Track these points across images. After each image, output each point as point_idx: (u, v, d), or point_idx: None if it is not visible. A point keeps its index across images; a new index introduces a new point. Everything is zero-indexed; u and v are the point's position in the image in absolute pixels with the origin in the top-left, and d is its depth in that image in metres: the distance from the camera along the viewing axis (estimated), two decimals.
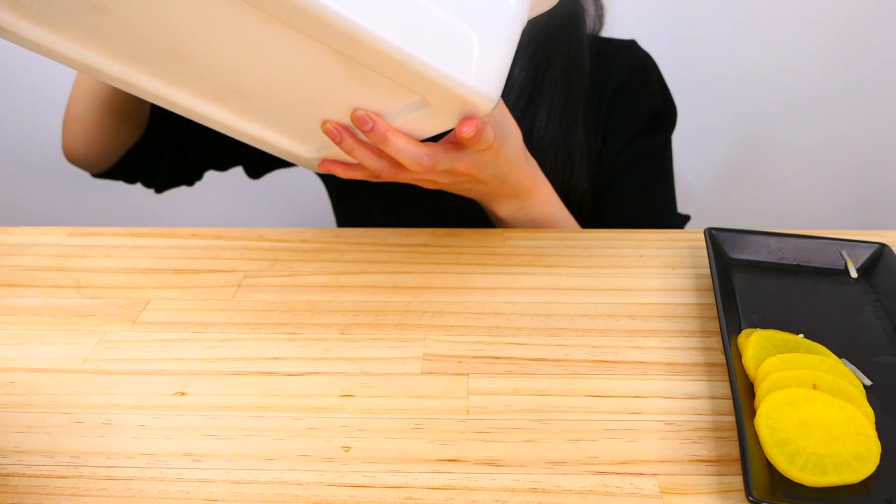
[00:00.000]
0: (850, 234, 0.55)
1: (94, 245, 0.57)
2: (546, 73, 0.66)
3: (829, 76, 1.16)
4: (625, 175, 0.68)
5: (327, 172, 0.51)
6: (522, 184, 0.58)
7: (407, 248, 0.57)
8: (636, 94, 0.69)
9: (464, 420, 0.39)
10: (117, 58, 0.42)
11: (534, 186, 0.59)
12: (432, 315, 0.48)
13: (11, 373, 0.43)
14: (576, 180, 0.66)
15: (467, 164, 0.50)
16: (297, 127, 0.48)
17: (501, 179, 0.55)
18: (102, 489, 0.35)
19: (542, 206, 0.60)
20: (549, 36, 0.66)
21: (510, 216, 0.60)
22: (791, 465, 0.34)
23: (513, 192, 0.58)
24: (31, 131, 1.23)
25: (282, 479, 0.36)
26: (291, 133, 0.49)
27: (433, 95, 0.40)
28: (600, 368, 0.43)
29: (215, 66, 0.41)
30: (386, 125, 0.44)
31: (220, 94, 0.45)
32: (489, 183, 0.55)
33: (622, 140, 0.68)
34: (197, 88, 0.44)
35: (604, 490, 0.35)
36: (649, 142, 0.69)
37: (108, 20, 0.38)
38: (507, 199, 0.59)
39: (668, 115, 0.71)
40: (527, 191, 0.59)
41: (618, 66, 0.69)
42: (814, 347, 0.42)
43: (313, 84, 0.41)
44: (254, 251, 0.56)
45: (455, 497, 0.35)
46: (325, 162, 0.50)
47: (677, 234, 0.59)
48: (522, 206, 0.60)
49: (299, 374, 0.43)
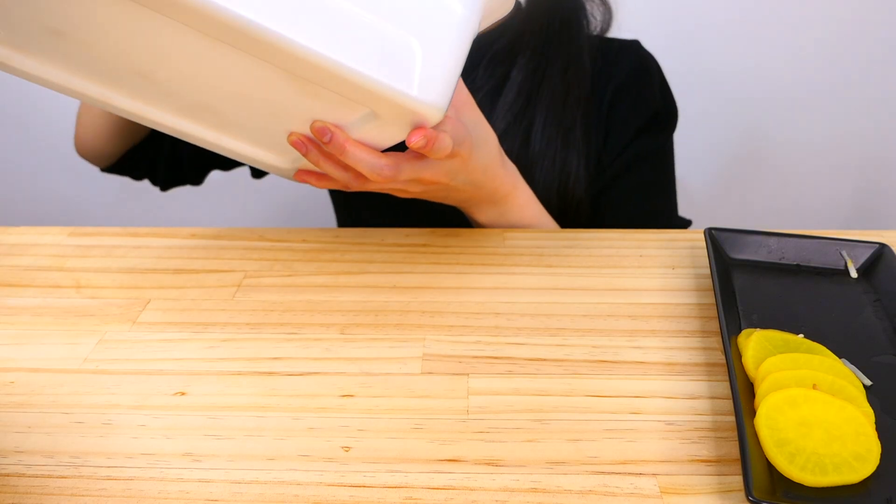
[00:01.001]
0: (850, 234, 0.55)
1: (94, 245, 0.57)
2: (544, 76, 0.65)
3: (830, 76, 1.16)
4: (624, 175, 0.68)
5: (302, 182, 0.51)
6: (499, 190, 0.58)
7: (407, 248, 0.57)
8: (637, 93, 0.68)
9: (464, 420, 0.39)
10: (88, 78, 0.42)
11: (511, 192, 0.59)
12: (432, 315, 0.48)
13: (11, 373, 0.43)
14: (572, 185, 0.66)
15: (435, 173, 0.50)
16: (270, 140, 0.48)
17: (476, 186, 0.55)
18: (102, 489, 0.35)
19: (521, 211, 0.60)
20: (548, 39, 0.66)
21: (489, 222, 0.61)
22: (791, 465, 0.34)
23: (490, 199, 0.58)
24: (31, 131, 1.24)
25: (282, 479, 0.36)
26: (266, 146, 0.49)
27: (380, 107, 0.40)
28: (600, 368, 0.43)
29: (178, 84, 0.42)
30: (344, 136, 0.44)
31: (191, 111, 0.45)
32: (464, 190, 0.54)
33: (622, 140, 0.68)
34: (168, 106, 0.45)
35: (604, 490, 0.35)
36: (650, 142, 0.69)
37: (65, 42, 0.38)
38: (484, 206, 0.59)
39: (669, 116, 0.71)
40: (504, 197, 0.59)
41: (619, 67, 0.69)
42: (814, 347, 0.42)
43: (270, 99, 0.42)
44: (254, 251, 0.56)
45: (455, 497, 0.35)
46: (300, 172, 0.51)
47: (677, 234, 0.59)
48: (501, 212, 0.60)
49: (299, 374, 0.43)
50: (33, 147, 1.25)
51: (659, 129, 0.69)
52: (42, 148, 1.25)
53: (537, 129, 0.65)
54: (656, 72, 0.70)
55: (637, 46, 0.71)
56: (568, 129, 0.65)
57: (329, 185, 0.50)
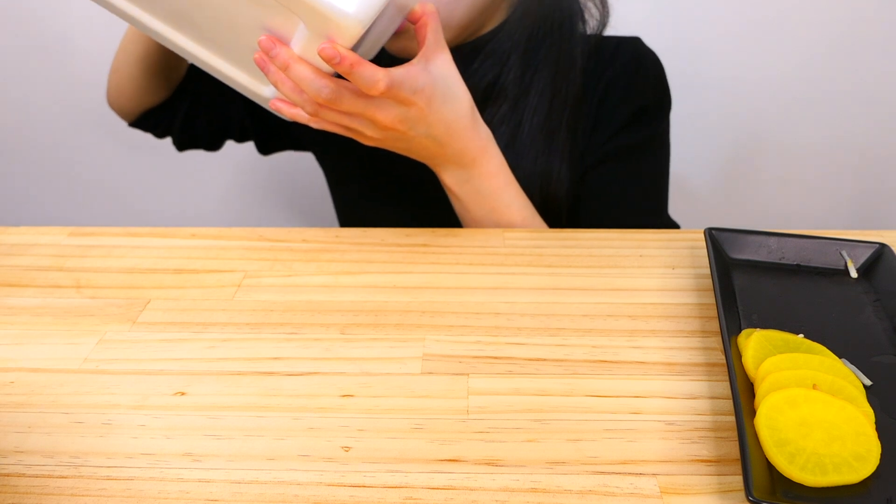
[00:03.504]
0: (850, 234, 0.55)
1: (94, 245, 0.57)
2: (534, 77, 0.65)
3: (830, 76, 1.16)
4: (603, 164, 0.68)
5: (276, 111, 0.54)
6: (466, 153, 0.57)
7: (407, 248, 0.57)
8: (627, 88, 0.68)
9: (464, 420, 0.39)
10: None
11: (480, 158, 0.58)
12: (432, 315, 0.48)
13: (11, 373, 0.43)
14: (554, 186, 0.66)
15: (389, 117, 0.51)
16: (243, 59, 0.52)
17: (438, 143, 0.55)
18: (102, 489, 0.35)
19: (489, 179, 0.60)
20: (539, 42, 0.65)
21: (455, 186, 0.60)
22: (791, 465, 0.34)
23: (456, 160, 0.58)
24: (31, 131, 1.24)
25: (282, 479, 0.36)
26: (245, 68, 0.53)
27: (305, 15, 0.43)
28: (600, 368, 0.43)
29: None
30: (289, 52, 0.47)
31: (174, 19, 0.51)
32: (426, 145, 0.55)
33: (607, 132, 0.68)
34: (156, 12, 0.51)
35: (604, 490, 0.35)
36: (635, 134, 0.68)
37: None
38: (449, 166, 0.58)
39: (659, 108, 0.70)
40: (472, 161, 0.58)
41: (613, 65, 0.68)
42: (814, 347, 0.42)
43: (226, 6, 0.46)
44: (254, 251, 0.56)
45: (455, 497, 0.35)
46: (273, 101, 0.53)
47: (677, 234, 0.59)
48: (468, 177, 0.59)
49: (299, 374, 0.43)
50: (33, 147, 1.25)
51: (647, 120, 0.69)
52: (42, 148, 1.25)
53: (523, 130, 0.65)
54: (653, 67, 0.70)
55: (635, 42, 0.71)
56: (552, 131, 0.65)
57: (297, 115, 0.52)
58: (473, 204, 0.61)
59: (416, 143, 0.55)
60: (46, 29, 1.13)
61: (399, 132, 0.53)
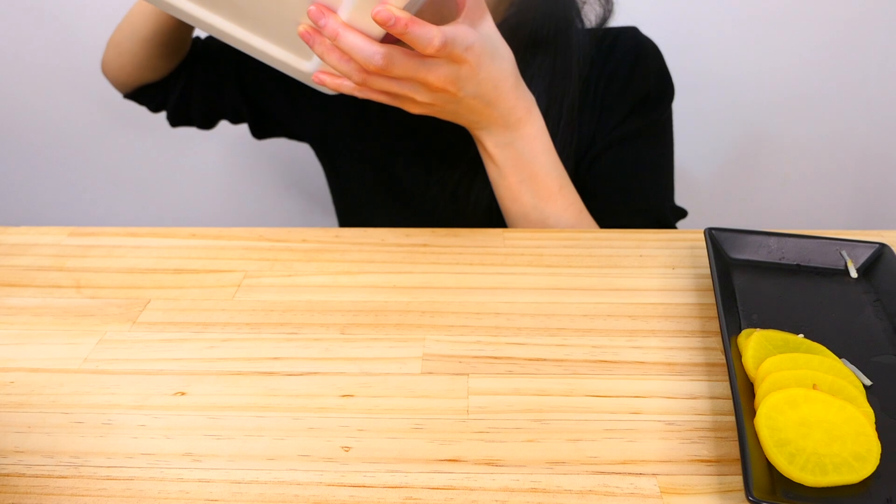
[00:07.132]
0: (850, 234, 0.55)
1: (94, 245, 0.57)
2: (534, 73, 0.65)
3: (830, 75, 1.16)
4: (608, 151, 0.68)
5: (320, 84, 0.53)
6: (513, 112, 0.57)
7: (407, 248, 0.57)
8: (628, 77, 0.68)
9: (464, 420, 0.39)
10: None
11: (525, 118, 0.58)
12: (432, 315, 0.48)
13: (11, 373, 0.43)
14: None
15: (440, 77, 0.50)
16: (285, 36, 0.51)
17: (487, 103, 0.54)
18: (102, 489, 0.35)
19: (531, 141, 0.59)
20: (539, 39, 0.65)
21: (496, 149, 0.59)
22: (791, 465, 0.34)
23: (502, 121, 0.57)
24: (31, 131, 1.23)
25: (282, 479, 0.36)
26: (286, 45, 0.52)
27: None
28: (600, 368, 0.43)
29: None
30: (339, 21, 0.46)
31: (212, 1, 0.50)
32: (473, 106, 0.54)
33: (611, 122, 0.68)
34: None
35: (604, 490, 0.35)
36: (639, 121, 0.68)
37: None
38: (495, 129, 0.58)
39: (662, 96, 0.70)
40: (518, 121, 0.58)
41: (614, 56, 0.69)
42: (814, 347, 0.42)
43: None
44: (254, 251, 0.56)
45: (455, 497, 0.35)
46: (317, 74, 0.52)
47: (677, 234, 0.59)
48: (511, 139, 0.59)
49: (299, 374, 0.43)
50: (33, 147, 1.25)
51: (650, 107, 0.69)
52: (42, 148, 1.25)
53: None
54: (653, 55, 0.70)
55: (634, 32, 0.71)
56: (554, 125, 0.65)
57: (343, 87, 0.51)
58: (513, 169, 0.60)
59: (465, 104, 0.54)
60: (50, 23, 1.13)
61: (449, 94, 0.52)
